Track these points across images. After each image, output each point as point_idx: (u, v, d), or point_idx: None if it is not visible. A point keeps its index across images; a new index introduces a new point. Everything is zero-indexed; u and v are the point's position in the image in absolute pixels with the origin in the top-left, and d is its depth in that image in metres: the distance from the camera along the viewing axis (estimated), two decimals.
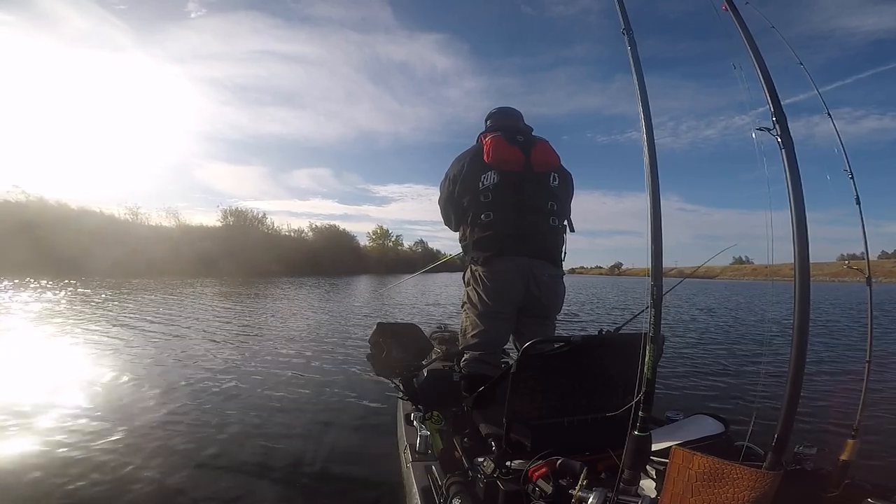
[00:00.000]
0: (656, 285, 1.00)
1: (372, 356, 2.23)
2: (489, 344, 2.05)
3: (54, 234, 20.74)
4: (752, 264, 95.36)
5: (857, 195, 1.36)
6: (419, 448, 1.75)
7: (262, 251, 30.65)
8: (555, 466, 1.24)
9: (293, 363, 4.60)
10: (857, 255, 1.54)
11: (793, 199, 0.95)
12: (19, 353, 4.83)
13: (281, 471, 2.25)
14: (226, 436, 2.66)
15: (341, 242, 45.64)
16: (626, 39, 1.14)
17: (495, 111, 2.28)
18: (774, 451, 0.93)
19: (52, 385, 3.57)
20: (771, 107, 1.00)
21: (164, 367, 4.26)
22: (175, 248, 25.55)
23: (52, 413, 2.90)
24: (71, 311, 8.08)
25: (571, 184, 2.23)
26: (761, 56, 1.06)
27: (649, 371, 1.01)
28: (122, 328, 6.37)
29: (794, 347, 0.92)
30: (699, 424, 1.49)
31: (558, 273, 2.13)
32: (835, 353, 5.36)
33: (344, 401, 3.38)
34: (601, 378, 1.58)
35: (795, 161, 0.97)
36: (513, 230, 2.00)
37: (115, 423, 2.76)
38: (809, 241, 0.93)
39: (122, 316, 7.66)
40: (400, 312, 10.24)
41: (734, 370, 4.61)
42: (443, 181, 2.20)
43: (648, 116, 1.06)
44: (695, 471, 0.93)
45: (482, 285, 2.03)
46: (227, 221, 36.38)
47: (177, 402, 3.24)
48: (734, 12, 1.12)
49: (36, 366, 4.27)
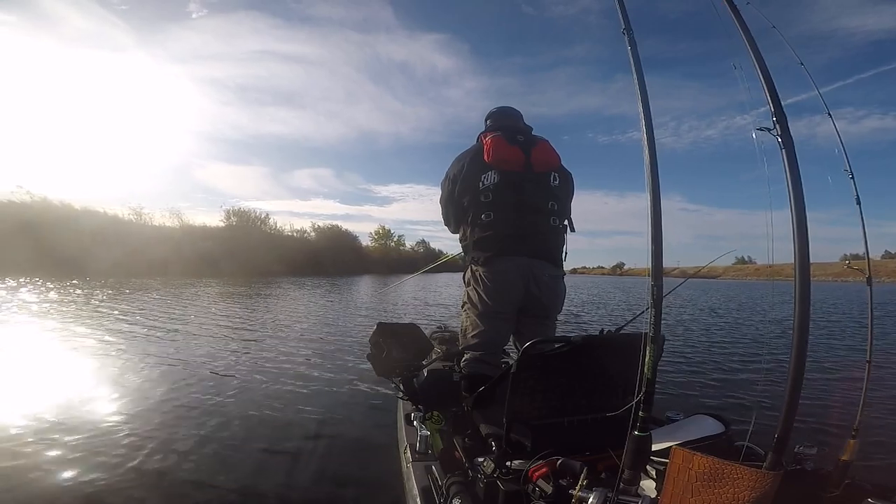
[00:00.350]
0: (656, 285, 1.00)
1: (372, 356, 2.24)
2: (489, 344, 2.05)
3: (58, 233, 20.67)
4: (754, 264, 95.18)
5: (858, 196, 1.36)
6: (419, 448, 1.75)
7: (264, 251, 30.68)
8: (555, 466, 1.24)
9: (293, 363, 4.60)
10: (859, 255, 1.53)
11: (793, 199, 0.95)
12: (23, 352, 4.84)
13: (281, 470, 2.25)
14: (225, 435, 2.66)
15: (343, 242, 45.79)
16: (627, 39, 1.14)
17: (495, 111, 2.28)
18: (774, 452, 0.93)
19: (54, 383, 3.58)
20: (771, 107, 1.00)
21: (166, 365, 4.27)
22: (178, 249, 25.52)
23: (51, 414, 2.91)
24: (75, 310, 8.10)
25: (572, 183, 2.22)
26: (762, 56, 1.06)
27: (649, 371, 1.01)
28: (126, 326, 6.39)
29: (794, 347, 0.92)
30: (699, 424, 1.49)
31: (559, 273, 2.12)
32: (835, 353, 5.36)
33: (344, 400, 3.38)
34: (601, 378, 1.58)
35: (796, 161, 0.97)
36: (513, 230, 2.00)
37: (120, 418, 2.78)
38: (811, 242, 0.93)
39: (127, 315, 7.68)
40: (402, 311, 10.27)
41: (735, 370, 4.61)
42: (443, 181, 2.19)
43: (649, 116, 1.06)
44: (695, 471, 0.93)
45: (482, 285, 2.03)
46: (230, 221, 36.51)
47: (176, 401, 3.24)
48: (734, 12, 1.12)
49: (40, 365, 4.28)
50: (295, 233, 42.04)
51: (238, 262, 26.35)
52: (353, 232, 51.94)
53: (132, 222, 29.77)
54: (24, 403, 3.06)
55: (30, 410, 2.92)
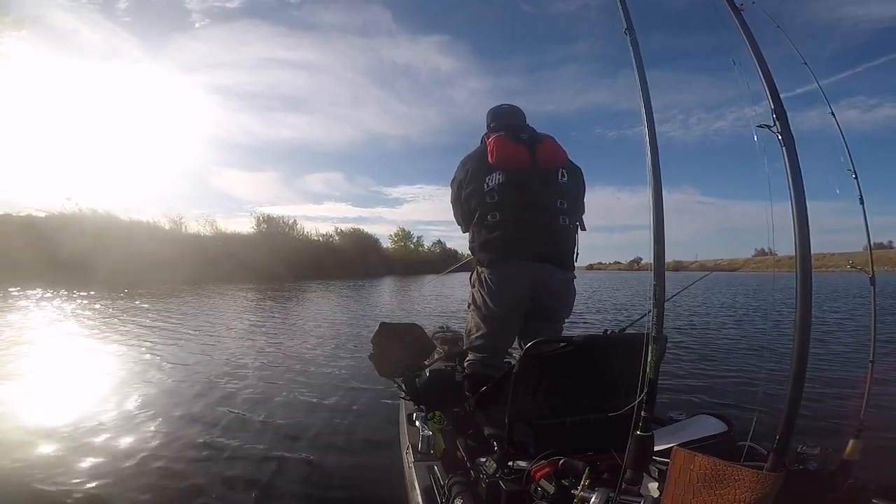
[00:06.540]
0: (658, 285, 1.00)
1: (374, 356, 2.24)
2: (492, 347, 2.03)
3: (110, 245, 20.37)
4: (775, 255, 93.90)
5: (861, 195, 1.35)
6: (421, 448, 1.75)
7: (295, 256, 30.97)
8: (557, 466, 1.24)
9: (298, 361, 4.63)
10: (882, 244, 1.53)
11: (794, 197, 0.94)
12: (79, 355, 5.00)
13: (281, 470, 2.26)
14: (224, 434, 2.68)
15: (366, 245, 46.23)
16: (629, 40, 1.12)
17: (496, 109, 2.23)
18: (776, 452, 0.92)
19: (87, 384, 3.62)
20: (771, 104, 0.99)
21: (187, 364, 4.32)
22: (217, 255, 25.66)
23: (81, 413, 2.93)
24: (151, 321, 7.87)
25: (582, 179, 2.15)
26: (762, 55, 1.05)
27: (652, 371, 1.01)
28: (196, 331, 6.58)
29: (796, 346, 0.92)
30: (702, 424, 1.48)
31: (568, 277, 2.07)
32: (838, 351, 5.33)
33: (345, 400, 3.39)
34: (604, 378, 1.57)
35: (796, 158, 0.96)
36: (520, 231, 1.94)
37: (146, 417, 2.82)
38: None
39: (204, 322, 7.79)
40: (424, 311, 10.31)
41: (738, 369, 4.59)
42: (451, 183, 2.17)
43: (651, 118, 1.05)
44: (696, 471, 0.93)
45: (487, 288, 2.00)
46: (260, 228, 36.93)
47: (183, 395, 3.28)
48: (735, 12, 1.11)
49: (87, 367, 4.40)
50: (321, 237, 42.50)
51: (273, 267, 26.50)
52: (373, 234, 52.33)
53: (173, 231, 29.83)
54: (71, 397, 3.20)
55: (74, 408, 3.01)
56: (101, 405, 3.14)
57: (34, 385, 3.74)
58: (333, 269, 32.33)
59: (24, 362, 4.52)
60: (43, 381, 3.86)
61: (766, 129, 0.98)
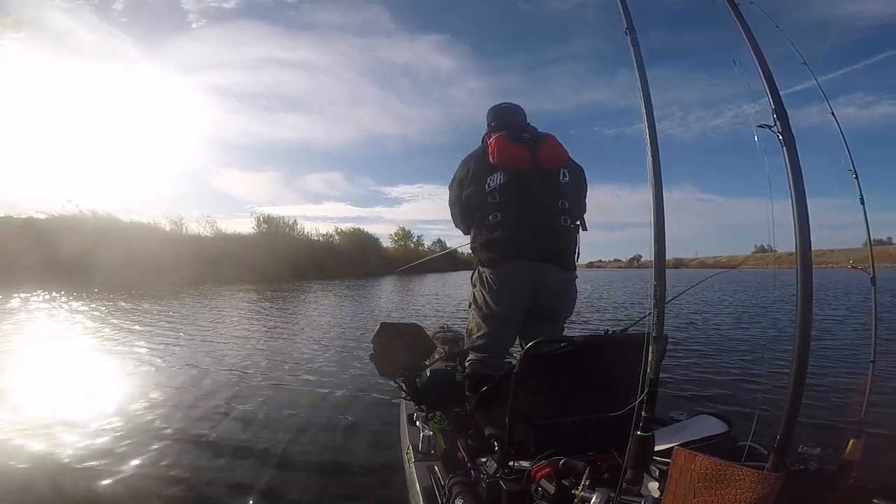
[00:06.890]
0: (658, 285, 1.00)
1: (375, 356, 2.24)
2: (493, 347, 2.03)
3: (108, 247, 20.18)
4: (776, 252, 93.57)
5: (862, 195, 1.35)
6: (422, 448, 1.75)
7: (296, 256, 30.83)
8: (558, 466, 1.24)
9: (299, 361, 4.63)
10: (883, 240, 1.53)
11: (794, 197, 0.94)
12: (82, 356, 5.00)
13: (281, 470, 2.26)
14: (224, 434, 2.68)
15: (367, 244, 45.99)
16: (629, 40, 1.12)
17: (496, 108, 2.22)
18: (776, 453, 0.92)
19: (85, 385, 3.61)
20: (772, 103, 0.99)
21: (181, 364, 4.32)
22: (218, 256, 25.52)
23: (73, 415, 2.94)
24: (154, 319, 7.94)
25: (584, 179, 2.15)
26: (762, 54, 1.05)
27: (652, 371, 1.00)
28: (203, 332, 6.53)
29: (796, 345, 0.92)
30: (703, 424, 1.48)
31: (569, 277, 2.07)
32: (839, 350, 5.32)
33: (346, 400, 3.39)
34: (605, 378, 1.57)
35: (797, 158, 0.96)
36: (522, 232, 1.95)
37: (146, 417, 2.81)
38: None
39: (211, 321, 7.79)
40: (425, 311, 10.29)
41: (740, 368, 4.58)
42: (450, 184, 2.17)
43: (652, 119, 1.05)
44: (696, 471, 0.92)
45: (488, 289, 2.00)
46: (260, 228, 36.79)
47: (183, 396, 3.28)
48: (735, 11, 1.11)
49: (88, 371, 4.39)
50: (321, 237, 42.34)
51: (274, 267, 26.39)
52: (373, 234, 52.23)
53: (173, 231, 29.63)
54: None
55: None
56: (101, 405, 3.15)
57: (34, 385, 3.75)
58: (334, 269, 32.23)
59: (24, 362, 4.53)
60: (43, 380, 3.87)
61: (766, 129, 0.98)
